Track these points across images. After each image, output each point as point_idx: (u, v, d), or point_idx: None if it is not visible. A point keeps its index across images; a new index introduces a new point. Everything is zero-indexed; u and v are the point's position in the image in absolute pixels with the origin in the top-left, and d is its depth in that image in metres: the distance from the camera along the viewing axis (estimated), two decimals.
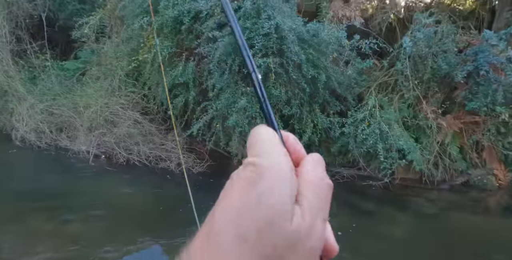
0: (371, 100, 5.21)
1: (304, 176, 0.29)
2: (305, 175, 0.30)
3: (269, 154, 0.29)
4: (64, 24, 7.89)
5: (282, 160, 0.29)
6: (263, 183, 0.27)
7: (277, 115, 5.22)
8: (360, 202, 5.06)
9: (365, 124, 5.06)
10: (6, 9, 7.29)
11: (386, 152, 5.01)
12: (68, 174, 5.31)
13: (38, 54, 7.69)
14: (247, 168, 0.28)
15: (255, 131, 0.32)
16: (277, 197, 0.26)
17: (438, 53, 5.26)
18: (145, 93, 6.48)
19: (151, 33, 5.84)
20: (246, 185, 0.27)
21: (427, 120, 5.34)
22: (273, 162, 0.28)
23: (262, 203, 0.26)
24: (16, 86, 6.96)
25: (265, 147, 0.30)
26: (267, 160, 0.28)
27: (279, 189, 0.27)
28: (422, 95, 5.45)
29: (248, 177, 0.27)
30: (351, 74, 5.36)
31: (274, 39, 4.61)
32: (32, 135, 6.28)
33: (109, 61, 7.00)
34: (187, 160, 5.62)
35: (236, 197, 0.27)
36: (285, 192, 0.27)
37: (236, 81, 5.09)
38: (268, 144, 0.30)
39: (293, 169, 0.29)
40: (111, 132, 5.95)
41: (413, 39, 5.13)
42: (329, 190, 0.30)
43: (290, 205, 0.26)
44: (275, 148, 0.30)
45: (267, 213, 0.25)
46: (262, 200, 0.26)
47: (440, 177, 5.39)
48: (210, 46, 4.99)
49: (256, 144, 0.30)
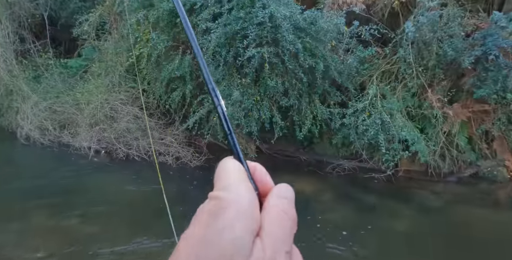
0: (372, 89, 5.01)
1: (268, 209, 0.30)
2: (268, 208, 0.30)
3: (232, 188, 0.29)
4: (66, 23, 7.95)
5: (245, 195, 0.29)
6: (225, 218, 0.27)
7: (275, 106, 5.11)
8: (362, 195, 4.90)
9: (365, 114, 4.88)
10: (9, 10, 7.40)
11: (388, 143, 4.82)
12: (69, 171, 5.37)
13: (41, 53, 7.80)
14: (211, 202, 0.29)
15: (222, 164, 0.32)
16: (237, 232, 0.27)
17: (444, 38, 4.99)
18: (145, 88, 6.46)
19: (147, 28, 5.80)
20: (208, 219, 0.27)
21: (433, 109, 5.09)
22: (235, 197, 0.29)
23: (222, 238, 0.26)
24: (21, 85, 7.08)
25: (230, 181, 0.30)
26: (230, 194, 0.29)
27: (239, 224, 0.27)
28: (427, 83, 5.20)
29: (211, 211, 0.28)
30: (352, 62, 5.16)
31: (268, 28, 4.48)
32: (36, 133, 6.39)
33: (109, 57, 7.02)
34: (185, 154, 5.60)
35: (198, 230, 0.27)
36: (246, 227, 0.27)
37: (232, 73, 5.00)
38: (233, 177, 0.30)
39: (257, 203, 0.29)
40: (111, 128, 5.98)
41: (416, 24, 4.88)
42: (292, 223, 0.30)
43: (250, 240, 0.27)
44: (240, 182, 0.30)
45: (227, 248, 0.26)
46: (223, 235, 0.26)
47: (447, 169, 5.16)
48: (205, 38, 4.90)
49: (221, 178, 0.31)
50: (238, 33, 4.72)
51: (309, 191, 4.73)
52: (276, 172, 4.90)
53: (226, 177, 0.31)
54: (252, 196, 0.29)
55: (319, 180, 5.07)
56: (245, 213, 0.28)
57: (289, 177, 5.00)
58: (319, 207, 4.40)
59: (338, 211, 4.31)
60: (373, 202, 4.65)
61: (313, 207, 4.33)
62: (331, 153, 5.86)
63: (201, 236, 0.27)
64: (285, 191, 0.32)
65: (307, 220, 3.88)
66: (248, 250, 0.26)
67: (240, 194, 0.29)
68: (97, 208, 4.16)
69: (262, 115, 4.85)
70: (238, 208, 0.28)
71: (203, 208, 0.29)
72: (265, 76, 4.70)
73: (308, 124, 5.04)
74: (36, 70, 7.67)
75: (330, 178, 5.14)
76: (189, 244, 0.27)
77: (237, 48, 4.67)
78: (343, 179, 5.07)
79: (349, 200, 4.64)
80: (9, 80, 7.10)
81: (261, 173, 0.34)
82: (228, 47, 4.79)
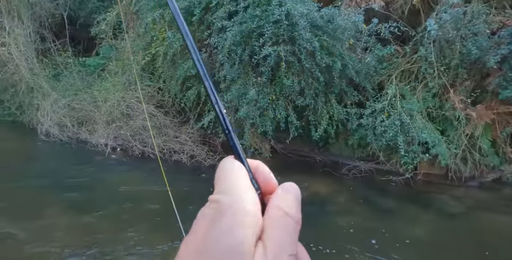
0: (391, 89, 4.86)
1: (270, 211, 0.29)
2: (271, 210, 0.29)
3: (232, 190, 0.28)
4: (85, 22, 8.12)
5: (245, 197, 0.28)
6: (224, 222, 0.26)
7: (291, 106, 5.03)
8: (379, 198, 4.77)
9: (384, 115, 4.74)
10: (30, 10, 7.61)
11: (407, 146, 4.66)
12: (88, 167, 5.47)
13: (61, 51, 7.99)
14: (210, 206, 0.28)
15: (221, 165, 0.31)
16: (237, 236, 0.26)
17: (468, 36, 4.78)
18: (160, 86, 6.52)
19: (163, 26, 5.83)
20: (207, 223, 0.27)
21: (455, 110, 4.90)
22: (235, 200, 0.27)
23: (221, 242, 0.25)
24: (41, 83, 7.27)
25: (229, 183, 0.29)
26: (229, 198, 0.28)
27: (239, 228, 0.26)
28: (449, 83, 5.01)
29: (210, 214, 0.27)
30: (370, 61, 5.02)
31: (284, 26, 4.40)
32: (55, 129, 6.55)
33: (126, 56, 7.11)
34: (200, 153, 5.60)
35: (198, 235, 0.27)
36: (246, 231, 0.26)
37: (247, 72, 4.95)
38: (232, 179, 0.29)
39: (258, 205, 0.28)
40: (127, 125, 6.06)
41: (438, 22, 4.70)
42: (295, 225, 0.28)
43: (250, 244, 0.26)
44: (239, 184, 0.29)
45: (227, 253, 0.25)
46: (222, 240, 0.25)
47: (468, 173, 4.96)
48: (220, 36, 4.88)
49: (220, 180, 0.30)
50: (254, 31, 4.67)
51: (324, 193, 4.64)
52: (290, 172, 4.86)
53: (226, 179, 0.30)
54: (252, 198, 0.28)
55: (335, 182, 4.97)
56: (245, 216, 0.27)
57: (304, 177, 4.93)
58: (335, 209, 4.31)
59: (355, 214, 4.20)
60: (391, 206, 4.51)
61: (329, 209, 4.25)
62: (347, 154, 5.74)
63: (199, 242, 0.26)
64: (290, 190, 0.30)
65: (322, 222, 3.80)
66: (248, 255, 0.25)
67: (239, 197, 0.28)
68: (115, 205, 4.21)
69: (278, 114, 4.79)
70: (237, 213, 0.27)
71: (203, 212, 0.28)
72: (281, 75, 4.63)
73: (324, 124, 4.94)
74: (56, 68, 7.87)
75: (346, 179, 5.03)
76: (188, 250, 0.26)
77: (253, 46, 4.62)
78: (360, 181, 4.95)
79: (366, 203, 4.52)
80: (30, 78, 7.31)
81: (264, 171, 0.32)
82: (244, 46, 4.75)
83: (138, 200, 4.45)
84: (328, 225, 3.81)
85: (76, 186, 4.73)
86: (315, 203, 4.24)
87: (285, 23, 4.41)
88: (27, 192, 4.45)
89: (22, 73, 7.27)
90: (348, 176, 5.09)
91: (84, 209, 4.09)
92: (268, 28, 4.43)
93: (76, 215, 4.00)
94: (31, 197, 4.37)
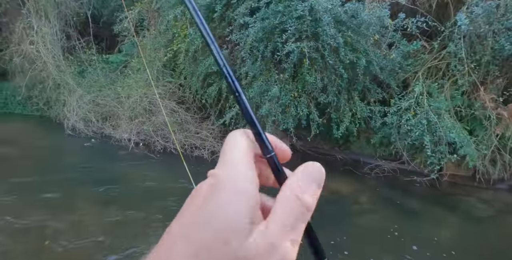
0: (418, 87, 4.71)
1: (282, 191, 0.27)
2: (283, 190, 0.27)
3: (231, 166, 0.27)
4: (108, 20, 8.32)
5: (243, 172, 0.27)
6: (219, 197, 0.25)
7: (313, 103, 4.97)
8: (402, 199, 4.65)
9: (410, 113, 4.60)
10: (56, 9, 7.86)
11: (434, 146, 4.51)
12: (112, 161, 5.61)
13: (85, 49, 8.22)
14: (208, 180, 0.27)
15: (227, 139, 0.30)
16: (232, 212, 0.24)
17: (501, 31, 4.55)
18: (181, 83, 6.60)
19: (184, 23, 5.88)
20: (202, 198, 0.26)
21: (485, 109, 4.70)
22: (232, 174, 0.26)
23: (215, 219, 0.24)
24: (67, 79, 7.52)
25: (229, 158, 0.28)
26: (226, 172, 0.27)
27: (234, 204, 0.25)
28: (480, 80, 4.80)
29: (205, 189, 0.26)
30: (395, 58, 4.87)
31: (308, 22, 4.33)
32: (81, 124, 6.77)
33: (147, 52, 7.23)
34: (221, 149, 5.63)
35: (191, 210, 0.26)
36: (241, 207, 0.25)
37: (269, 68, 4.92)
38: (232, 154, 0.28)
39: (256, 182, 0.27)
40: (150, 121, 6.18)
41: (469, 16, 4.49)
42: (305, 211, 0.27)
43: (246, 222, 0.24)
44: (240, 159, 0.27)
45: (220, 230, 0.24)
46: (216, 216, 0.24)
47: (497, 175, 4.76)
48: (242, 32, 4.86)
49: (224, 153, 0.29)
50: (277, 28, 4.62)
51: (346, 192, 4.57)
52: None
53: (227, 154, 0.28)
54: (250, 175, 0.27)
55: (356, 181, 4.89)
56: (242, 192, 0.25)
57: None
58: (357, 209, 4.24)
59: (378, 214, 4.12)
60: (415, 207, 4.39)
61: (352, 209, 4.18)
62: (368, 152, 5.63)
63: (193, 217, 0.25)
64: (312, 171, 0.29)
65: (344, 221, 3.75)
66: (245, 232, 0.24)
67: (237, 171, 0.27)
68: (141, 200, 4.29)
69: (300, 111, 4.74)
70: (234, 186, 0.26)
71: (199, 186, 0.27)
72: (304, 71, 4.57)
73: (346, 122, 4.86)
74: (81, 65, 8.11)
75: (368, 179, 4.93)
76: (180, 225, 0.25)
77: (275, 42, 4.58)
78: (382, 181, 4.85)
79: (389, 204, 4.42)
80: (57, 74, 7.57)
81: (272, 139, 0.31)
82: (266, 42, 4.72)
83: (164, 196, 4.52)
84: (349, 225, 3.75)
85: (104, 181, 4.85)
86: (337, 201, 4.19)
87: (309, 18, 4.33)
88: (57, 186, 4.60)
89: (49, 70, 7.54)
90: (370, 175, 4.99)
91: (114, 205, 4.16)
92: (291, 24, 4.38)
93: (107, 210, 4.07)
94: (62, 191, 4.51)
